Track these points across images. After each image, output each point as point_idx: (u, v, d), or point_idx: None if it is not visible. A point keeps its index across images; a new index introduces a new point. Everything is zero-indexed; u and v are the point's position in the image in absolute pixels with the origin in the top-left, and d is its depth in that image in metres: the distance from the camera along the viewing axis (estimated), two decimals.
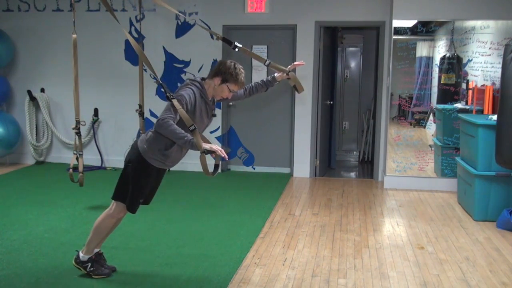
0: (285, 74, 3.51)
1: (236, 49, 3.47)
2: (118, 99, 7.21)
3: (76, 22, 4.77)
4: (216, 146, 3.08)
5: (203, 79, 3.35)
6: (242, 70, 3.34)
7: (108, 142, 7.39)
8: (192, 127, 3.03)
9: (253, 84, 3.61)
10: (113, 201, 3.43)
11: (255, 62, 6.97)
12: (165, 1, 7.37)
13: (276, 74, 3.56)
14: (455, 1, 6.05)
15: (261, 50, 6.97)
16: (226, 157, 3.12)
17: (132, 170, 3.30)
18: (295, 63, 3.59)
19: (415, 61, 6.36)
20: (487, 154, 4.87)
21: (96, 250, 3.52)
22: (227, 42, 3.50)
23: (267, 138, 7.14)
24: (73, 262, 3.51)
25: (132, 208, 3.39)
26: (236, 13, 6.83)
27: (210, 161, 3.13)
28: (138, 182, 3.31)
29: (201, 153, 3.03)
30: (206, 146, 3.04)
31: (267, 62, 3.48)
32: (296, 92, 6.77)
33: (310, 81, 6.81)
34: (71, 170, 4.96)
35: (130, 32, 7.04)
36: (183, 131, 3.04)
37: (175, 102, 3.08)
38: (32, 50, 7.35)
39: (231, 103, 7.11)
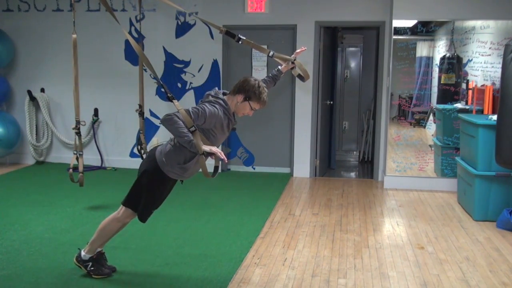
0: (290, 63, 3.54)
1: (240, 42, 3.49)
2: (118, 99, 7.21)
3: (76, 22, 4.77)
4: (216, 148, 3.08)
5: (224, 94, 3.33)
6: (265, 89, 3.32)
7: (108, 142, 7.39)
8: (193, 128, 3.02)
9: (266, 83, 3.60)
10: (122, 205, 3.41)
11: (255, 62, 6.98)
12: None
13: (280, 66, 3.60)
14: (455, 1, 6.05)
15: None
16: (226, 159, 3.12)
17: (147, 180, 3.27)
18: (297, 50, 3.63)
19: (415, 61, 6.36)
20: (487, 154, 4.87)
21: (99, 249, 3.52)
22: (231, 35, 3.52)
23: (267, 138, 7.14)
24: (74, 260, 3.51)
25: (143, 218, 3.39)
26: (236, 13, 6.83)
27: (210, 161, 3.13)
28: (152, 192, 3.30)
29: (200, 154, 3.03)
30: (206, 148, 3.03)
31: (271, 53, 3.54)
32: (296, 92, 6.86)
33: (310, 81, 6.80)
34: (71, 170, 4.96)
35: (130, 32, 7.04)
36: (185, 130, 3.02)
37: (175, 102, 3.09)
38: (32, 50, 7.35)
39: None
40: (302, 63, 3.61)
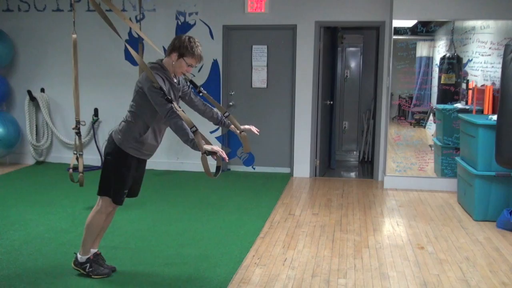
0: (238, 131, 3.53)
1: (200, 94, 3.53)
2: (118, 99, 7.19)
3: (76, 22, 4.78)
4: (217, 147, 3.10)
5: (161, 60, 3.35)
6: (198, 43, 3.31)
7: None
8: (194, 128, 3.06)
9: (213, 110, 3.59)
10: (99, 197, 3.44)
11: (255, 62, 6.98)
12: (165, 2, 7.40)
13: (231, 125, 3.59)
14: (455, 1, 6.05)
15: (261, 50, 6.97)
16: (227, 158, 3.13)
17: (111, 162, 3.34)
18: (252, 128, 3.58)
19: (415, 61, 6.36)
20: (487, 154, 4.87)
21: (94, 250, 3.52)
22: (194, 85, 3.54)
23: (267, 138, 7.14)
24: (72, 265, 3.51)
25: (117, 200, 3.40)
26: (236, 13, 6.83)
27: (211, 161, 3.13)
28: (119, 173, 3.34)
29: (202, 154, 3.03)
30: (207, 147, 3.06)
31: (226, 114, 3.57)
32: (296, 92, 6.86)
33: (310, 81, 6.81)
34: (71, 170, 4.96)
35: (130, 32, 7.05)
36: (188, 128, 3.09)
37: (174, 104, 3.13)
38: (32, 50, 7.35)
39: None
40: (247, 137, 3.55)
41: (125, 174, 3.36)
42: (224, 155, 3.09)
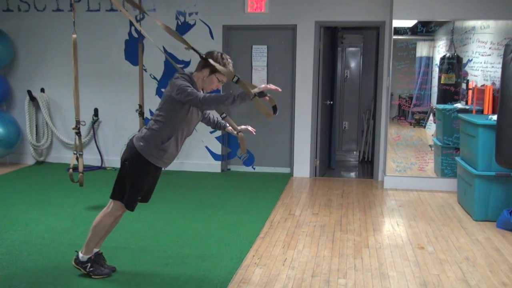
0: (235, 132, 3.54)
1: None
2: (118, 99, 7.21)
3: (76, 22, 4.78)
4: (264, 85, 3.04)
5: (191, 73, 3.36)
6: (229, 60, 3.35)
7: (108, 142, 7.39)
8: (236, 78, 3.05)
9: (210, 115, 3.64)
10: (110, 200, 3.44)
11: (255, 62, 6.98)
12: (165, 2, 7.39)
13: (228, 126, 3.61)
14: (455, 1, 6.05)
15: (261, 50, 6.97)
16: (279, 89, 3.07)
17: (129, 168, 3.33)
18: (249, 128, 3.64)
19: (415, 61, 6.36)
20: (487, 154, 4.87)
21: (96, 250, 3.52)
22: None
23: (267, 138, 7.14)
24: (73, 263, 3.51)
25: (130, 206, 3.40)
26: (236, 13, 6.83)
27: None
28: (135, 179, 3.34)
29: (252, 98, 2.98)
30: (255, 89, 3.01)
31: (224, 115, 3.60)
32: (296, 92, 6.86)
33: (310, 81, 6.81)
34: (71, 170, 4.97)
35: (130, 32, 7.06)
36: (221, 94, 3.11)
37: (210, 60, 3.19)
38: (32, 50, 7.35)
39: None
40: (244, 138, 3.59)
41: (141, 182, 3.36)
42: (273, 87, 3.02)
